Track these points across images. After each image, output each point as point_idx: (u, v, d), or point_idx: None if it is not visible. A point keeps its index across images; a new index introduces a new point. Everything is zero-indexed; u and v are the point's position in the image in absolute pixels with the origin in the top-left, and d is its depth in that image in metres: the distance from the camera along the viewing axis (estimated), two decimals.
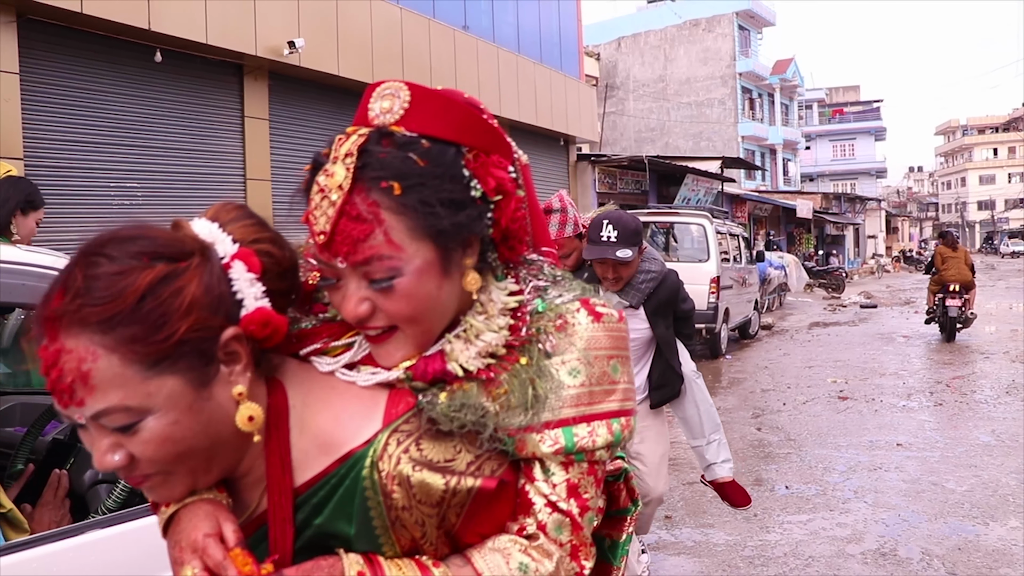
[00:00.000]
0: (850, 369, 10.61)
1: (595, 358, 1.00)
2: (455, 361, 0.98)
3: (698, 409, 3.67)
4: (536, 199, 1.17)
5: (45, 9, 7.85)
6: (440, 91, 1.01)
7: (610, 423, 1.00)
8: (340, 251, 0.93)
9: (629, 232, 3.24)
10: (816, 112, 61.42)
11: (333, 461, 0.95)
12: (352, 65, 11.75)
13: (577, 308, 1.02)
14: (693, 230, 12.31)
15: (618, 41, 40.16)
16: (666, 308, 3.50)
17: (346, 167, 0.93)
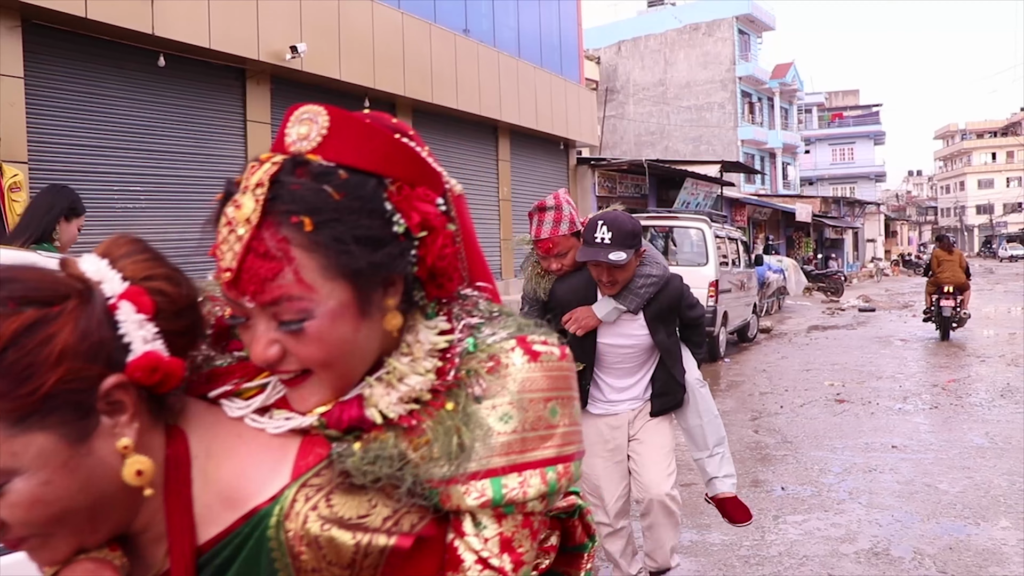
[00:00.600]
0: (847, 372, 10.69)
1: (530, 401, 0.92)
2: (374, 407, 0.91)
3: (701, 420, 3.50)
4: (472, 231, 1.10)
5: (50, 14, 7.94)
6: (363, 116, 0.94)
7: (544, 472, 0.92)
8: (247, 290, 0.86)
9: (624, 234, 3.08)
10: (815, 116, 61.54)
11: (238, 518, 0.87)
12: (354, 69, 11.85)
13: (512, 347, 0.94)
14: (692, 234, 12.38)
15: (618, 45, 40.27)
16: (668, 314, 3.34)
17: (255, 198, 0.85)
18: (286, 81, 11.17)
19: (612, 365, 3.39)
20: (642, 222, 12.69)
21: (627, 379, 3.42)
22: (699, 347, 3.58)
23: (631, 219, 3.16)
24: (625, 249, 3.07)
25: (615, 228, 3.07)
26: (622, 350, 3.34)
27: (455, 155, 15.17)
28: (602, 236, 3.07)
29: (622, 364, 3.39)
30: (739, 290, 13.30)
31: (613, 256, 3.05)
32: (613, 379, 3.42)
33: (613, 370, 3.40)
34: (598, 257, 3.06)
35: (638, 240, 3.15)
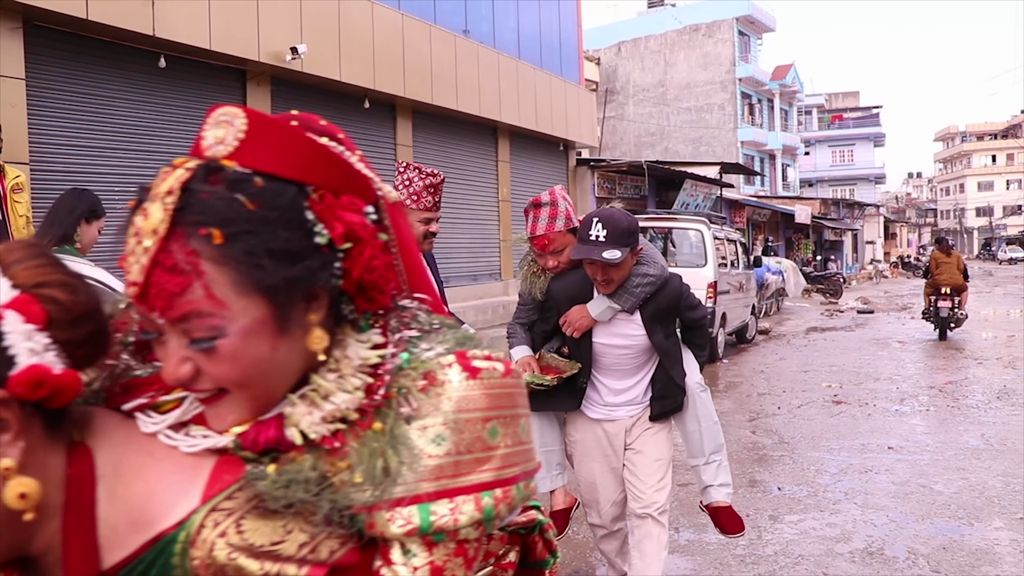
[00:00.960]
0: (845, 374, 10.73)
1: (466, 422, 0.87)
2: (295, 427, 0.86)
3: (699, 425, 3.34)
4: (411, 240, 1.03)
5: (51, 15, 7.98)
6: (286, 119, 0.89)
7: (479, 497, 0.87)
8: (155, 305, 0.80)
9: (619, 232, 2.97)
10: (815, 118, 61.58)
11: (143, 542, 0.82)
12: (354, 70, 11.89)
13: (449, 363, 0.89)
14: (691, 235, 12.42)
15: (618, 46, 40.31)
16: (666, 315, 3.21)
17: (164, 208, 0.80)
18: (286, 82, 11.21)
19: (610, 366, 3.27)
20: (641, 223, 12.81)
21: (625, 381, 3.30)
22: (701, 350, 3.44)
23: (627, 216, 3.06)
24: (620, 247, 2.96)
25: (610, 225, 2.97)
26: (619, 351, 3.23)
27: (455, 156, 15.21)
28: (596, 233, 2.97)
29: (620, 365, 3.27)
30: (738, 291, 13.34)
31: (607, 254, 2.94)
32: (611, 380, 3.30)
33: (611, 371, 3.28)
34: (592, 255, 2.96)
35: (634, 238, 3.04)
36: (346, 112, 12.36)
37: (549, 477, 3.43)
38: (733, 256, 13.51)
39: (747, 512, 5.13)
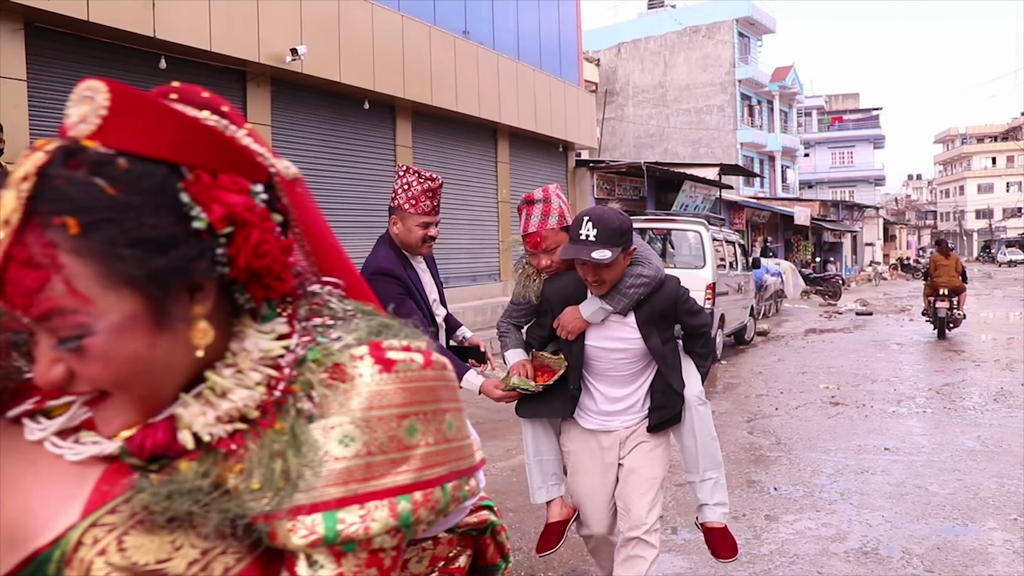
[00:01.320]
0: (843, 375, 10.77)
1: (379, 420, 0.80)
2: (187, 429, 0.79)
3: (696, 440, 3.17)
4: (318, 219, 0.94)
5: (52, 17, 8.02)
6: (160, 92, 0.82)
7: (395, 502, 0.80)
8: (15, 303, 0.73)
9: (610, 231, 2.85)
10: (815, 119, 61.64)
11: (17, 562, 0.76)
12: (354, 72, 11.92)
13: (361, 355, 0.82)
14: (690, 237, 12.45)
15: (618, 47, 40.37)
16: (662, 319, 3.06)
17: (18, 196, 0.72)
18: (286, 83, 11.25)
19: (604, 372, 3.15)
20: (640, 224, 12.91)
21: (621, 389, 3.16)
22: (703, 360, 3.25)
23: (620, 215, 2.94)
24: (611, 247, 2.84)
25: (600, 224, 2.85)
26: (613, 355, 3.10)
27: (454, 157, 15.25)
28: (587, 233, 2.85)
29: (615, 371, 3.14)
30: (736, 293, 13.37)
31: (596, 254, 2.82)
32: (607, 387, 3.17)
33: (605, 377, 3.16)
34: (581, 255, 2.84)
35: (626, 238, 2.91)
36: (346, 113, 12.40)
37: (545, 488, 3.34)
38: (732, 258, 13.55)
39: (744, 512, 5.17)
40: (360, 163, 12.74)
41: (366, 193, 12.63)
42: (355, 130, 12.66)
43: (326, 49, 11.41)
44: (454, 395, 0.90)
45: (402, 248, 3.43)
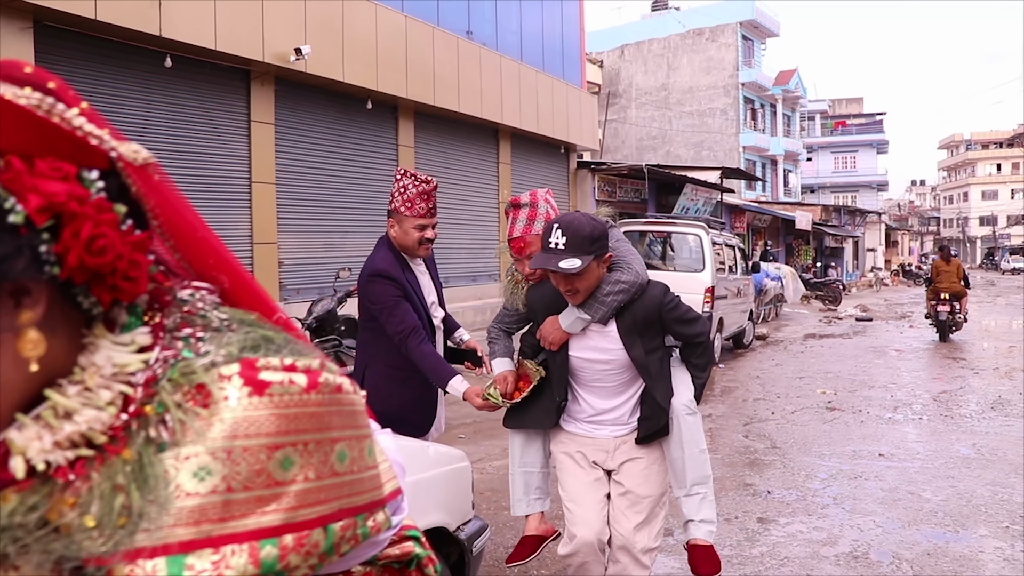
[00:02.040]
0: (840, 381, 10.81)
1: (244, 451, 0.69)
2: (20, 455, 0.68)
3: (683, 452, 3.00)
4: (185, 211, 0.82)
5: (60, 16, 8.08)
6: None
7: (256, 547, 0.69)
8: None
9: (580, 239, 2.72)
10: (818, 124, 61.70)
11: None
12: (357, 72, 11.98)
13: (230, 373, 0.71)
14: (690, 240, 12.51)
15: (621, 49, 40.44)
16: (646, 327, 2.91)
17: None
18: (290, 83, 11.31)
19: (590, 382, 3.03)
20: (640, 227, 12.97)
21: (609, 400, 3.05)
22: (700, 371, 3.08)
23: (592, 222, 2.80)
24: (580, 255, 2.71)
25: (570, 232, 2.73)
26: (598, 366, 2.98)
27: (456, 157, 15.31)
28: (556, 241, 2.74)
29: (601, 382, 3.03)
30: (735, 297, 13.42)
31: (564, 263, 2.70)
32: (594, 398, 3.06)
33: (592, 388, 3.05)
34: (548, 264, 2.72)
35: (598, 245, 2.78)
36: (349, 113, 12.46)
37: (526, 500, 3.23)
38: (731, 261, 13.60)
39: (736, 514, 5.23)
40: (363, 162, 12.80)
41: (369, 192, 12.69)
42: (358, 129, 12.72)
43: (330, 49, 11.47)
44: (352, 421, 0.79)
45: (400, 250, 3.49)
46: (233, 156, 10.57)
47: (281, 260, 11.21)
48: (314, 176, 11.87)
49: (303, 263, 11.65)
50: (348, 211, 12.34)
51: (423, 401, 3.51)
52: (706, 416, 8.55)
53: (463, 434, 7.17)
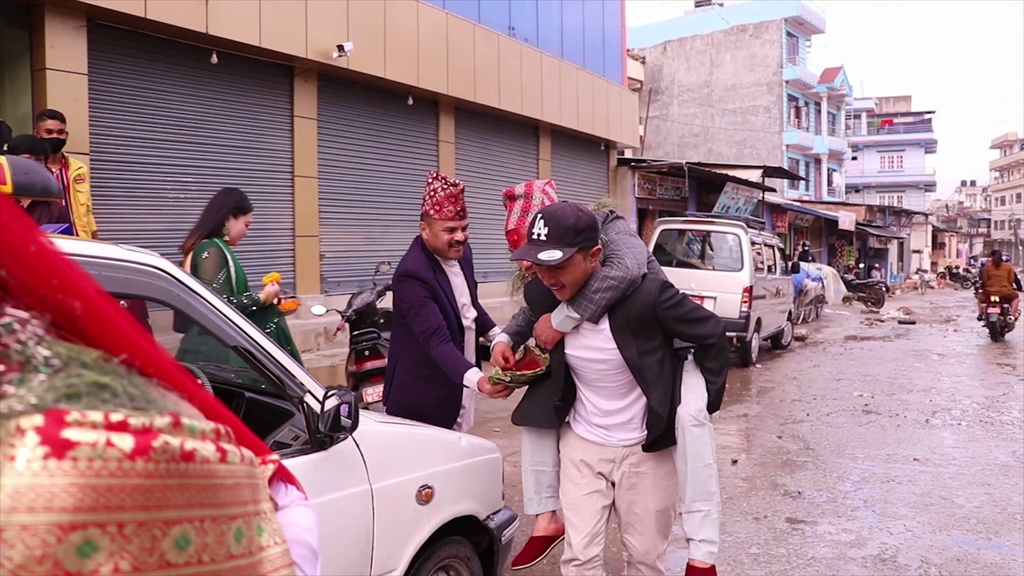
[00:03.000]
0: (878, 384, 10.72)
1: (23, 529, 0.52)
2: None
3: (686, 465, 2.77)
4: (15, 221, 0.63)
5: (112, 15, 8.30)
6: None
7: None
8: None
9: (563, 229, 2.58)
10: (864, 122, 60.80)
11: None
12: (398, 68, 12.11)
13: (27, 427, 0.55)
14: (728, 239, 12.48)
15: (664, 45, 40.22)
16: (640, 326, 2.73)
17: None
18: (332, 79, 11.46)
19: (592, 382, 2.89)
20: (679, 226, 12.97)
21: (615, 401, 2.88)
22: (715, 375, 2.85)
23: (578, 212, 2.65)
24: (562, 247, 2.58)
25: (552, 223, 2.60)
26: (595, 365, 2.83)
27: (496, 153, 15.39)
28: (538, 232, 2.61)
29: (603, 382, 2.87)
30: (774, 297, 13.35)
31: (544, 255, 2.57)
32: (598, 399, 2.90)
33: (595, 388, 2.90)
34: (527, 255, 2.61)
35: (583, 237, 2.62)
36: (390, 109, 12.60)
37: (538, 499, 3.09)
38: (771, 261, 13.54)
39: (765, 514, 5.26)
40: (403, 158, 12.94)
41: (409, 187, 12.82)
42: (399, 125, 12.86)
43: (372, 45, 11.61)
44: (208, 498, 0.63)
45: (432, 252, 3.58)
46: (276, 151, 10.75)
47: (322, 253, 11.39)
48: (355, 171, 12.03)
49: (344, 256, 11.82)
50: (388, 205, 12.49)
51: (447, 399, 3.58)
52: (741, 416, 8.56)
53: (498, 427, 7.27)
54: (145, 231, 8.83)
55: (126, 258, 2.17)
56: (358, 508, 2.62)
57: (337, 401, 2.42)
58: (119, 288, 2.22)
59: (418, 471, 2.88)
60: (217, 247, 4.41)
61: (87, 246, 2.15)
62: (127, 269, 2.16)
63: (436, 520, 2.95)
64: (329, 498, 2.49)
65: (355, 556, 2.61)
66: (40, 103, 7.91)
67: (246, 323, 2.39)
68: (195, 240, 4.47)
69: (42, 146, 5.93)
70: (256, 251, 10.28)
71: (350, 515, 2.59)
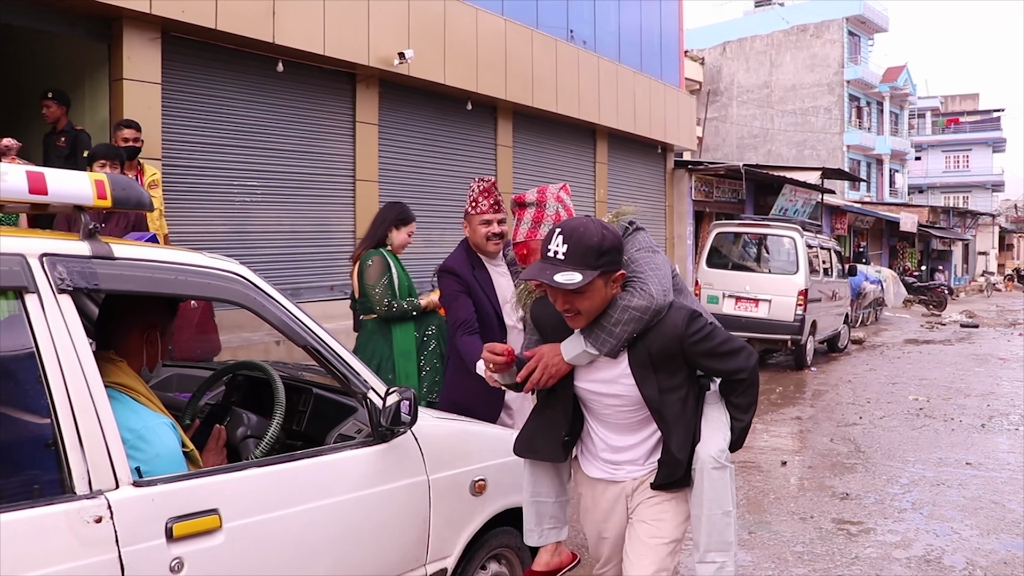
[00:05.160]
0: (935, 388, 10.64)
1: None
2: None
3: (703, 511, 2.45)
4: None
5: (185, 27, 8.70)
6: None
7: None
8: None
9: (584, 249, 2.27)
10: (929, 121, 59.41)
11: None
12: (457, 74, 12.38)
13: None
14: (784, 242, 12.48)
15: (723, 46, 39.94)
16: (663, 361, 2.42)
17: None
18: (393, 85, 11.77)
19: (603, 416, 2.59)
20: (735, 228, 13.01)
21: (627, 437, 2.59)
22: (742, 412, 2.52)
23: (604, 230, 2.34)
24: (582, 269, 2.26)
25: (572, 240, 2.28)
26: (609, 400, 2.53)
27: (553, 157, 15.58)
28: (555, 249, 2.30)
29: (615, 418, 2.57)
30: (830, 300, 13.29)
31: (561, 277, 2.25)
32: (609, 434, 2.61)
33: (606, 422, 2.60)
34: (542, 276, 2.29)
35: (607, 260, 2.31)
36: (449, 114, 12.87)
37: (538, 531, 2.76)
38: (827, 264, 13.48)
39: (811, 514, 5.35)
40: (462, 162, 13.20)
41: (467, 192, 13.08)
42: (458, 130, 13.13)
43: (432, 52, 11.88)
44: None
45: (476, 251, 3.81)
46: (339, 155, 11.09)
47: None
48: (415, 175, 12.32)
49: (403, 258, 12.11)
50: (447, 209, 12.75)
51: (487, 394, 3.57)
52: (793, 419, 8.61)
53: None
54: (214, 234, 9.22)
55: (210, 265, 2.42)
56: (416, 497, 2.81)
57: (398, 397, 2.64)
58: (203, 292, 2.49)
59: (472, 464, 3.06)
60: (380, 256, 4.74)
61: (176, 254, 2.39)
62: (211, 275, 2.41)
63: (488, 511, 3.13)
64: (389, 487, 2.69)
65: (413, 542, 2.82)
66: (117, 112, 8.33)
67: (315, 324, 2.62)
68: (362, 250, 4.85)
69: (117, 153, 6.30)
70: (319, 253, 10.63)
71: (409, 503, 2.78)
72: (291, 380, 3.12)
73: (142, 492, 2.04)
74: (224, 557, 2.18)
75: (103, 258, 2.15)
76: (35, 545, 1.84)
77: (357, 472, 2.59)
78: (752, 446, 7.24)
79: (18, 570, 1.80)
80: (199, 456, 2.45)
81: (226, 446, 2.66)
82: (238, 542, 2.21)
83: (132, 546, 1.98)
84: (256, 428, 2.76)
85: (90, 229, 2.17)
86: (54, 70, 9.03)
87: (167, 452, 2.27)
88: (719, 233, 13.02)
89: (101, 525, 1.94)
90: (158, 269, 2.28)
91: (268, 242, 9.94)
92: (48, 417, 1.95)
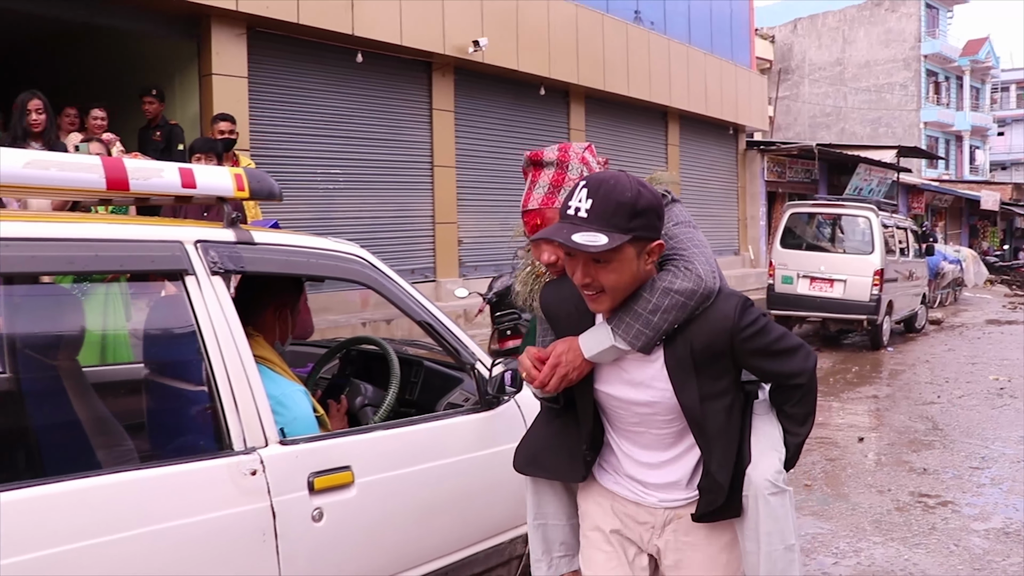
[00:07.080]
0: (1016, 368, 10.48)
1: None
2: None
3: (759, 546, 1.91)
4: None
5: (269, 22, 9.10)
6: None
7: None
8: None
9: (614, 206, 1.72)
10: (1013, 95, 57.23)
11: None
12: (531, 60, 12.60)
13: None
14: (859, 222, 12.37)
15: (794, 23, 39.21)
16: (707, 361, 1.87)
17: None
18: (468, 72, 12.04)
19: (629, 427, 2.02)
20: (809, 209, 12.96)
21: (658, 453, 2.01)
22: (799, 425, 1.98)
23: (640, 187, 1.77)
24: (608, 230, 1.71)
25: (600, 195, 1.74)
26: (638, 408, 1.96)
27: (625, 140, 15.69)
28: (577, 205, 1.75)
29: (642, 428, 2.00)
30: (906, 280, 13.14)
31: (580, 237, 1.70)
32: (632, 447, 2.04)
33: (631, 434, 2.03)
34: (558, 235, 1.73)
35: (641, 223, 1.75)
36: (523, 99, 13.10)
37: (546, 560, 2.22)
38: (904, 244, 13.33)
39: (889, 487, 5.46)
40: (536, 146, 13.02)
41: None
42: (531, 115, 13.35)
43: (505, 40, 12.11)
44: None
45: None
46: (416, 142, 11.43)
47: (460, 239, 12.02)
48: (490, 160, 12.59)
49: (480, 242, 12.41)
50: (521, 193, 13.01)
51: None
52: (870, 397, 8.64)
53: None
54: (300, 219, 9.63)
55: (333, 248, 2.69)
56: None
57: (503, 368, 2.88)
58: (327, 272, 2.76)
59: None
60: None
61: (303, 239, 2.66)
62: (337, 257, 2.68)
63: None
64: (495, 450, 2.93)
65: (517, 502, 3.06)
66: (207, 106, 8.78)
67: (428, 302, 2.88)
68: None
69: (213, 146, 6.70)
70: (399, 237, 10.98)
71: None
72: (403, 354, 3.38)
73: (287, 449, 2.32)
74: (357, 509, 2.45)
75: (246, 243, 2.43)
76: (204, 493, 2.14)
77: (468, 436, 2.84)
78: (828, 423, 7.32)
79: (193, 514, 2.09)
80: (328, 420, 2.74)
81: (346, 414, 2.95)
82: (368, 496, 2.48)
83: (281, 496, 2.26)
84: (372, 398, 3.04)
85: (233, 218, 2.45)
86: (146, 68, 9.55)
87: (303, 415, 2.55)
88: (793, 214, 12.97)
89: (256, 477, 2.22)
90: (292, 253, 2.56)
91: (350, 227, 10.34)
92: (208, 384, 2.24)
